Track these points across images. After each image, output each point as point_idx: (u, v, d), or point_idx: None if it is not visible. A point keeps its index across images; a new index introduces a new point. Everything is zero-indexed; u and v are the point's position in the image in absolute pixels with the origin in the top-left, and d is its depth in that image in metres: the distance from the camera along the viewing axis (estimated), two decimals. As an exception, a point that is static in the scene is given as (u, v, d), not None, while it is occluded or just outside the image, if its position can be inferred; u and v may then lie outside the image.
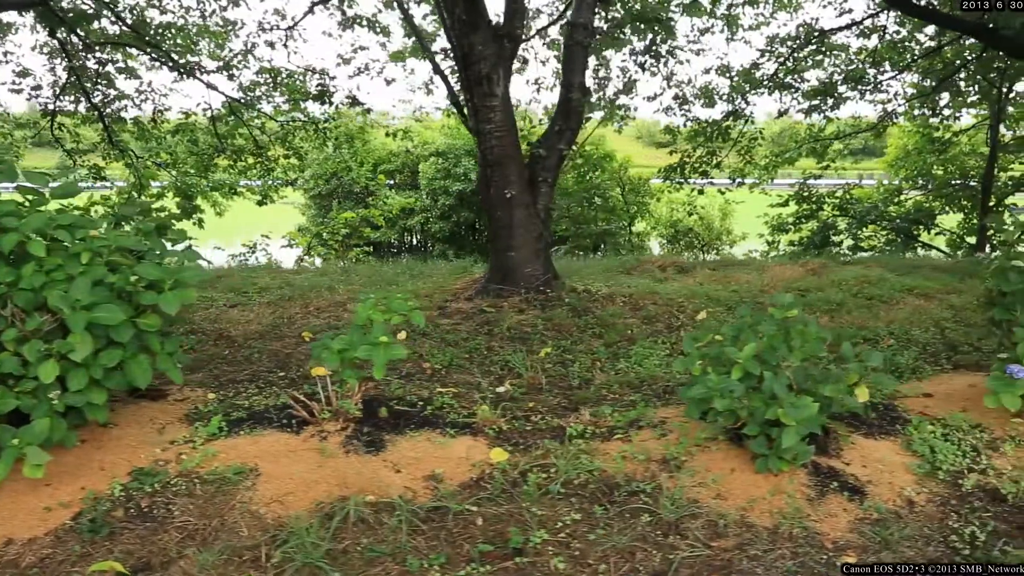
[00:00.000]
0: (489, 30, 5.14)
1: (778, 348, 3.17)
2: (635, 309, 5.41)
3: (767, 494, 2.98)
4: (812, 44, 8.99)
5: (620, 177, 13.52)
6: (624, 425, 3.60)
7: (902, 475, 3.14)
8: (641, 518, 2.85)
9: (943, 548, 2.71)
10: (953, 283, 6.52)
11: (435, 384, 4.12)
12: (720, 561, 2.66)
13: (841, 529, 2.80)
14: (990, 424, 3.66)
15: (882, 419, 3.71)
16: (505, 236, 5.55)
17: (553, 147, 5.70)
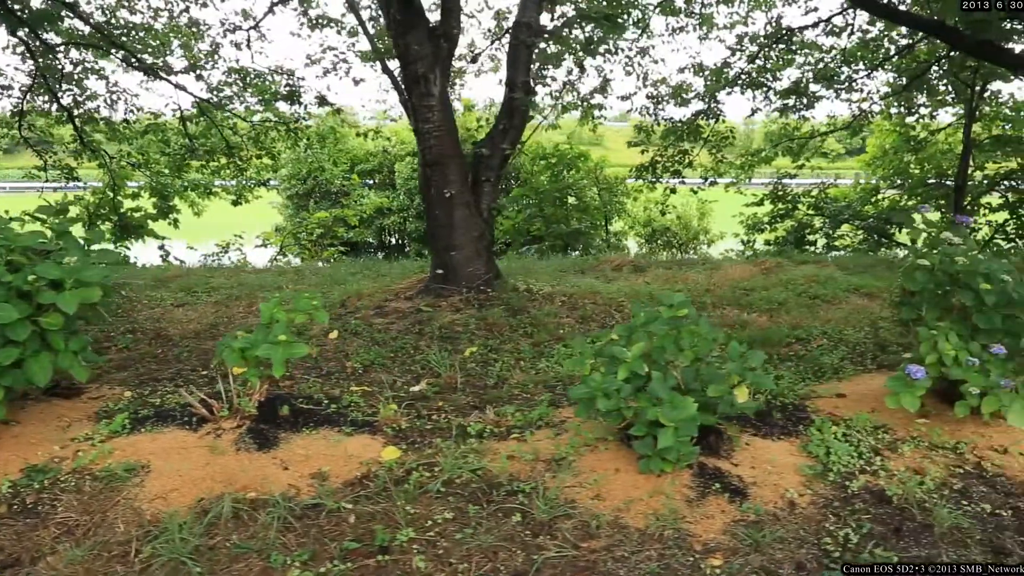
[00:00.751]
0: (425, 30, 5.15)
1: (667, 348, 3.15)
2: (573, 309, 5.40)
3: (646, 495, 2.96)
4: (781, 42, 8.91)
5: (596, 176, 13.47)
6: (524, 424, 3.60)
7: (790, 476, 3.11)
8: (513, 518, 2.84)
9: (815, 550, 2.68)
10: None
11: (351, 383, 4.14)
12: (585, 562, 2.65)
13: (715, 531, 2.78)
14: (895, 425, 3.62)
15: (788, 420, 3.68)
16: (446, 236, 5.55)
17: (496, 146, 5.69)
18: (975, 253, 3.63)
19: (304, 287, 6.16)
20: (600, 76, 11.39)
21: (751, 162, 11.20)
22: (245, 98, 8.56)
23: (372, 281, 6.28)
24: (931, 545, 2.71)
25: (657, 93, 9.75)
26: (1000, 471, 3.20)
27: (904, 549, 2.69)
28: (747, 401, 3.17)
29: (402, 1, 4.96)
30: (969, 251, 3.66)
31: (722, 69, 9.30)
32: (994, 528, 2.84)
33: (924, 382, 3.31)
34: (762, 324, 5.04)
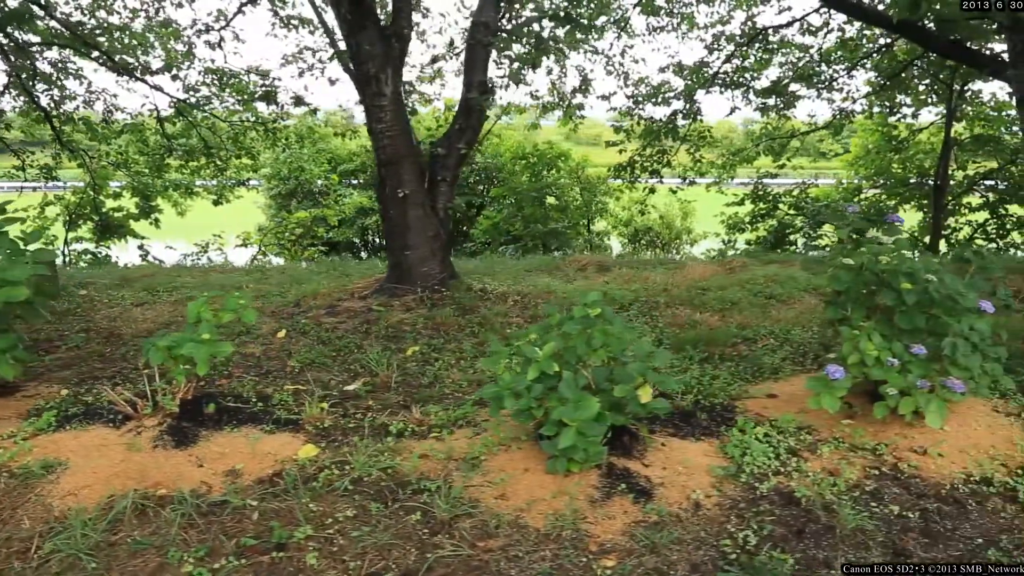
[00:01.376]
0: (376, 30, 5.16)
1: (579, 348, 3.14)
2: (524, 308, 5.39)
3: (550, 495, 2.96)
4: (756, 42, 8.84)
5: (579, 176, 13.40)
6: (445, 424, 3.60)
7: (701, 477, 3.09)
8: (413, 516, 2.84)
9: (713, 552, 2.66)
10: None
11: (287, 382, 4.16)
12: (478, 562, 2.65)
13: (614, 532, 2.77)
14: (820, 426, 3.59)
15: (713, 420, 3.66)
16: (400, 235, 5.56)
17: (452, 146, 5.70)
18: (904, 252, 3.60)
19: (267, 286, 6.19)
20: (581, 76, 11.48)
21: (732, 162, 11.12)
22: (224, 98, 8.61)
23: (333, 280, 6.30)
24: (831, 547, 2.69)
25: (636, 93, 9.71)
26: (916, 472, 3.17)
27: (802, 551, 2.67)
28: (652, 401, 3.15)
29: (352, 1, 4.97)
30: (899, 250, 3.63)
31: (700, 68, 9.25)
32: (900, 530, 2.81)
33: (844, 382, 3.28)
34: (712, 324, 5.01)
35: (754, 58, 9.32)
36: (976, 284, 3.73)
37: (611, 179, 11.06)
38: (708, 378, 4.12)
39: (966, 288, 3.29)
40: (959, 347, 3.25)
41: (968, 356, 3.24)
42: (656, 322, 5.15)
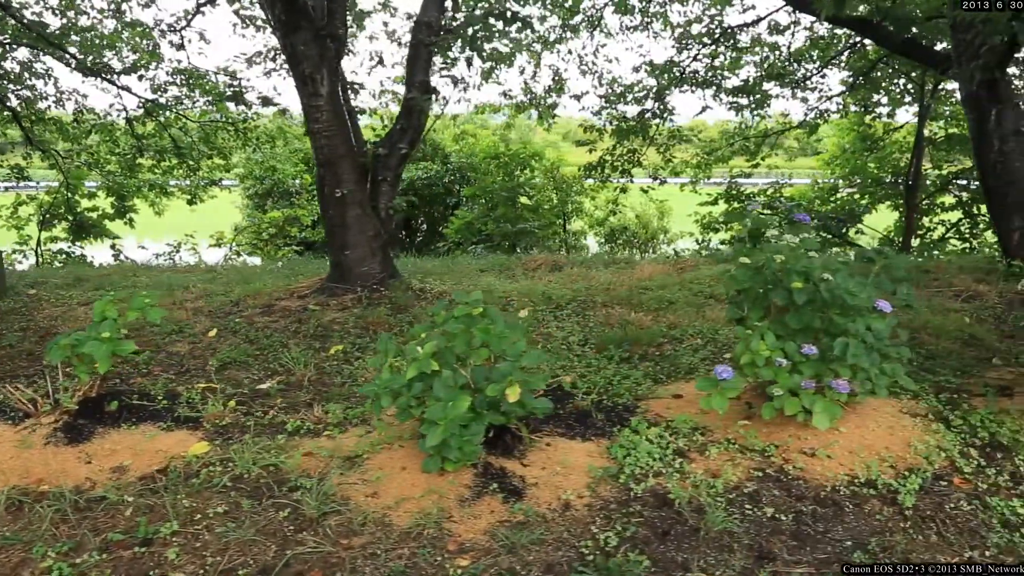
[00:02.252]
0: (312, 31, 5.18)
1: (459, 347, 3.14)
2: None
3: (421, 494, 2.96)
4: (723, 41, 8.77)
5: (553, 176, 13.36)
6: (341, 422, 3.61)
7: (578, 478, 3.08)
8: (282, 513, 2.86)
9: (571, 553, 2.65)
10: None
11: (202, 380, 4.19)
12: (336, 559, 2.65)
13: (476, 531, 2.77)
14: (716, 427, 3.55)
15: (609, 420, 3.64)
16: (340, 235, 5.59)
17: (394, 146, 5.71)
18: (809, 252, 3.56)
19: (214, 286, 6.24)
20: (554, 75, 11.47)
21: (707, 161, 11.04)
22: (195, 98, 8.70)
23: (281, 280, 6.34)
24: (692, 549, 2.67)
25: (608, 92, 9.69)
26: (800, 474, 3.13)
27: (662, 553, 2.65)
28: (532, 401, 3.15)
29: (286, 1, 5.01)
30: (805, 249, 3.59)
31: (669, 67, 9.20)
32: (769, 532, 2.78)
33: (735, 383, 3.25)
34: (643, 323, 4.98)
35: (724, 57, 9.26)
36: (882, 284, 3.69)
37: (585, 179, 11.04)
38: (619, 378, 4.10)
39: (857, 288, 3.24)
40: (850, 347, 3.20)
41: (859, 356, 3.20)
42: (587, 321, 5.13)
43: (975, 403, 3.98)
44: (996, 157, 5.81)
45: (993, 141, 5.77)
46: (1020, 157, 5.76)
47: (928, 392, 4.13)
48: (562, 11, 10.07)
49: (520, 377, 2.91)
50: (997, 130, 5.73)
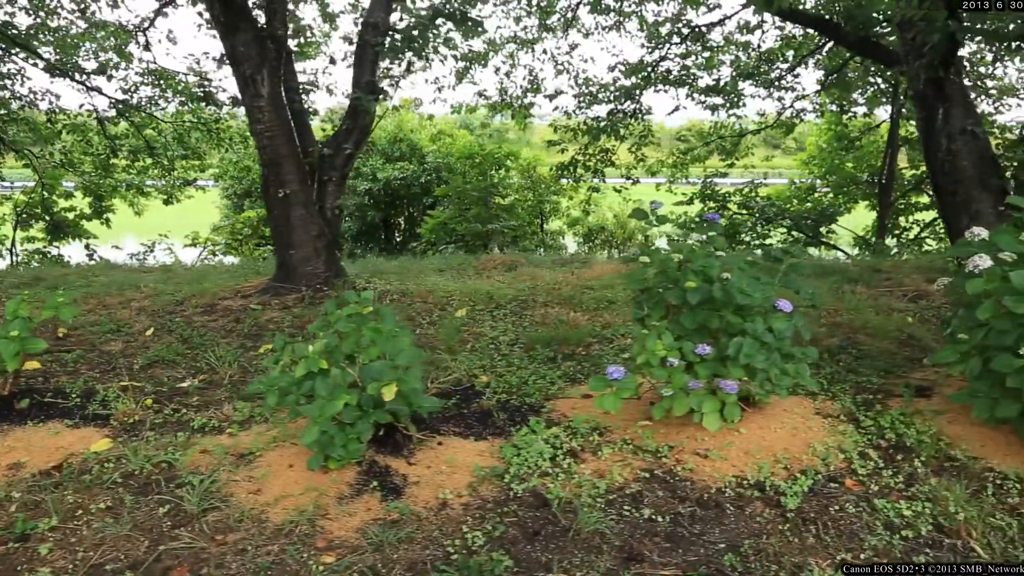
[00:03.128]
0: (252, 32, 5.22)
1: (346, 346, 3.15)
2: (401, 306, 5.41)
3: (301, 491, 2.97)
4: (690, 40, 8.72)
5: (530, 176, 13.34)
6: (246, 420, 3.64)
7: (461, 477, 3.08)
8: (162, 509, 2.88)
9: (437, 552, 2.65)
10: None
11: (125, 378, 4.23)
12: (207, 554, 2.67)
13: (348, 529, 2.78)
14: (616, 427, 3.54)
15: (510, 420, 3.63)
16: (284, 235, 5.62)
17: (339, 146, 5.74)
18: (715, 251, 3.54)
19: (164, 285, 6.29)
20: (530, 76, 11.45)
21: (683, 161, 10.99)
22: (168, 98, 8.77)
23: (232, 279, 6.38)
24: (559, 550, 2.66)
25: (581, 92, 9.67)
26: (689, 475, 3.11)
27: (527, 553, 2.64)
28: (423, 399, 3.16)
29: (223, 2, 5.05)
30: (710, 247, 3.57)
31: (641, 67, 9.16)
32: (644, 533, 2.77)
33: (627, 382, 3.24)
34: (578, 322, 4.97)
35: (695, 56, 9.21)
36: (791, 283, 3.66)
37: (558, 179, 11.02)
38: (536, 378, 4.10)
39: (752, 288, 3.22)
40: (743, 347, 3.18)
41: (753, 356, 3.17)
42: (523, 321, 5.13)
43: (892, 404, 3.94)
44: (944, 156, 5.73)
45: (941, 140, 5.70)
46: (968, 156, 5.68)
47: (848, 392, 4.10)
48: (539, 12, 10.08)
49: (395, 376, 2.92)
50: (945, 129, 5.66)
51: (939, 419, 3.73)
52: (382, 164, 13.23)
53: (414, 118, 13.45)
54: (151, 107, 8.78)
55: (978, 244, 3.49)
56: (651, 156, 10.99)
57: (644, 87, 9.41)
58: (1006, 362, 3.28)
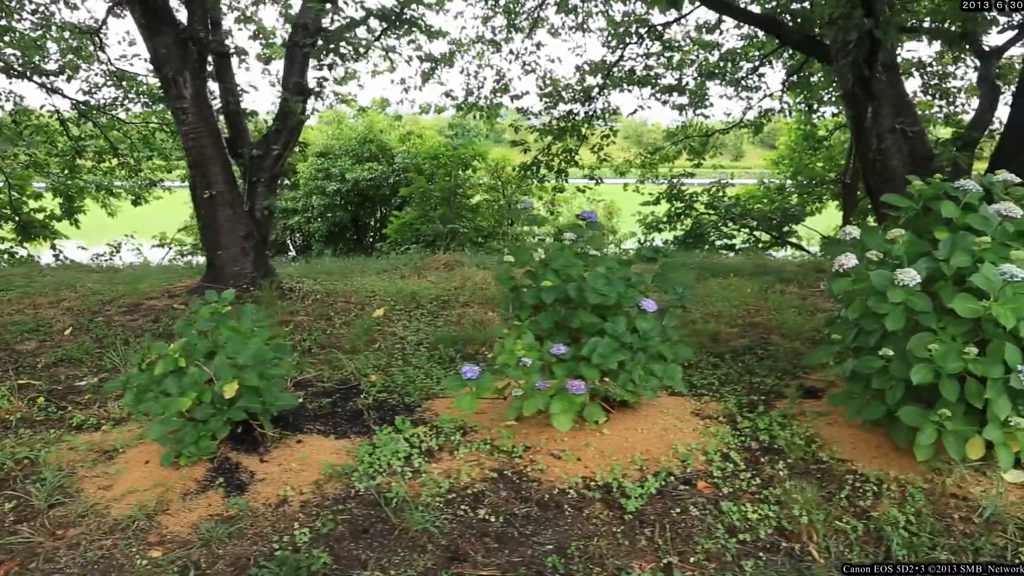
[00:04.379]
0: (173, 34, 5.28)
1: (201, 345, 3.18)
2: (320, 306, 5.44)
3: (149, 487, 3.01)
4: (647, 39, 8.67)
5: (499, 176, 13.34)
6: (123, 418, 3.68)
7: (309, 475, 3.10)
8: (9, 504, 2.93)
9: (264, 548, 2.68)
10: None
11: (25, 377, 4.30)
12: (42, 549, 2.71)
13: (184, 524, 2.81)
14: (481, 426, 3.54)
15: (383, 418, 3.64)
16: (211, 236, 5.68)
17: (269, 147, 5.79)
18: (580, 249, 3.52)
19: (101, 285, 6.38)
20: (499, 76, 11.45)
21: (651, 160, 10.93)
22: (133, 98, 8.88)
23: (169, 279, 6.46)
24: (382, 548, 2.67)
25: (545, 91, 9.66)
26: (540, 476, 3.11)
27: (349, 550, 2.66)
28: (278, 397, 3.19)
29: (144, 5, 5.11)
30: (587, 246, 3.56)
31: (601, 67, 9.12)
32: (475, 534, 2.77)
33: (485, 381, 3.24)
34: (491, 322, 4.97)
35: (657, 56, 9.16)
36: (665, 283, 3.63)
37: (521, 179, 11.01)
38: (423, 376, 4.11)
39: (608, 288, 3.20)
40: (598, 347, 3.16)
41: (607, 357, 3.16)
42: (437, 320, 5.14)
43: (780, 405, 3.90)
44: (875, 155, 5.65)
45: (871, 139, 5.62)
46: (897, 154, 5.60)
47: (738, 393, 4.07)
48: (507, 12, 10.08)
49: (236, 374, 2.94)
50: (874, 128, 5.58)
51: (819, 421, 3.69)
52: (351, 165, 13.32)
53: (384, 119, 13.55)
54: (114, 108, 8.92)
55: (848, 243, 3.44)
56: (619, 156, 10.97)
57: (606, 87, 9.37)
58: (869, 363, 3.24)
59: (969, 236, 3.11)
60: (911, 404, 3.09)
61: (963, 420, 3.00)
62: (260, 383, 2.98)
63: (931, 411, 2.97)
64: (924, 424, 3.00)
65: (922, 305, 3.05)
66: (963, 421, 2.99)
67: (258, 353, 3.00)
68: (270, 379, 3.24)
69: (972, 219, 3.14)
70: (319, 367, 4.31)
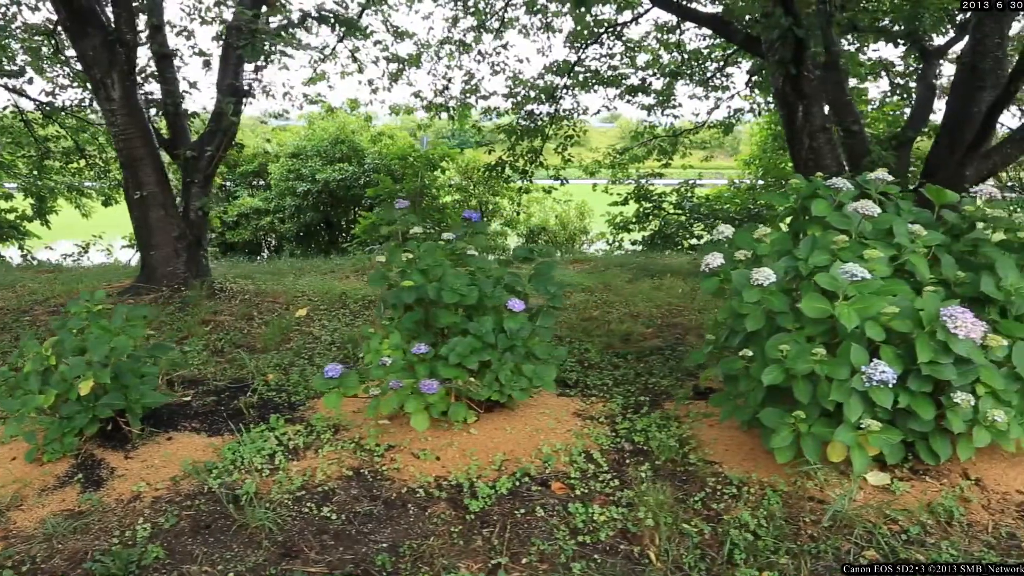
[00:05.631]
0: (100, 36, 5.35)
1: (68, 343, 3.23)
2: (247, 306, 5.49)
3: (8, 483, 3.05)
4: (607, 39, 8.64)
5: (470, 177, 13.33)
6: (4, 416, 3.74)
7: (170, 471, 3.14)
8: None
9: (104, 543, 2.71)
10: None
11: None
12: None
13: (33, 520, 2.86)
14: (354, 425, 3.55)
15: (262, 416, 3.67)
16: (144, 236, 5.76)
17: (203, 148, 5.85)
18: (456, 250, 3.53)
19: (42, 285, 6.47)
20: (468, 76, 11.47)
21: (620, 161, 10.88)
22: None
23: (107, 280, 6.54)
24: (218, 544, 2.70)
25: (512, 93, 9.66)
26: (396, 475, 3.12)
27: (185, 545, 2.69)
28: (146, 395, 3.22)
29: (68, 8, 5.19)
30: (468, 246, 3.56)
31: (567, 67, 9.10)
32: (314, 531, 2.78)
33: (349, 380, 3.26)
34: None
35: (620, 56, 9.13)
36: (541, 284, 3.62)
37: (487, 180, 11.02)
38: (321, 375, 4.12)
39: (467, 288, 3.20)
40: (457, 347, 3.16)
41: (465, 356, 3.15)
42: (357, 321, 5.17)
43: (668, 406, 3.87)
44: (807, 154, 5.60)
45: (803, 138, 5.57)
46: (830, 154, 5.54)
47: (633, 394, 4.05)
48: (478, 14, 10.10)
49: (93, 372, 2.98)
50: (806, 127, 5.53)
51: (703, 422, 3.67)
52: (322, 166, 13.41)
53: (355, 120, 13.63)
54: (81, 110, 9.03)
55: (721, 242, 3.41)
56: (587, 156, 10.93)
57: (571, 88, 9.35)
58: (732, 364, 3.22)
59: (831, 235, 3.08)
60: (774, 406, 3.07)
61: (823, 422, 2.97)
62: (114, 382, 3.02)
63: (788, 414, 2.95)
64: (780, 426, 2.98)
65: (779, 305, 3.02)
66: (823, 423, 2.96)
67: (117, 351, 3.04)
68: (140, 377, 3.28)
69: (832, 218, 3.11)
70: (222, 365, 4.35)
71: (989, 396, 2.95)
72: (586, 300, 5.52)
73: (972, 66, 5.57)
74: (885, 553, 2.62)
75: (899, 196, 3.48)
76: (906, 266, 3.10)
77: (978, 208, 3.19)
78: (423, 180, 11.78)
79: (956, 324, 2.68)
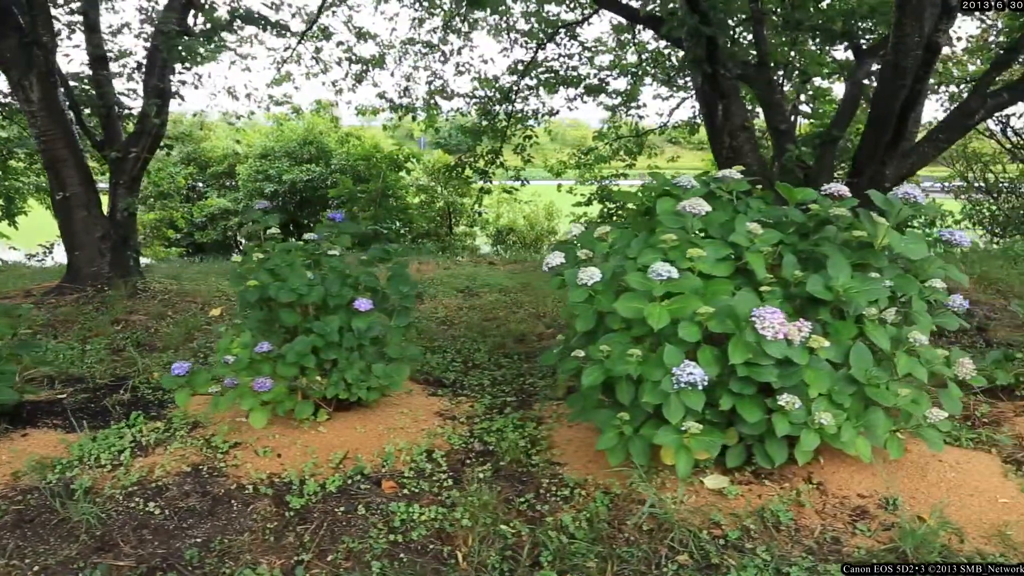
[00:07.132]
0: (15, 38, 5.44)
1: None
2: (164, 306, 5.57)
3: None
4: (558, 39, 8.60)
5: (437, 177, 13.36)
6: None
7: (14, 467, 3.18)
8: None
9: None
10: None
11: None
12: None
13: None
14: (213, 423, 3.57)
15: (126, 414, 3.71)
16: (68, 237, 5.86)
17: (127, 150, 5.94)
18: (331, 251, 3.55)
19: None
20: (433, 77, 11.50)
21: (585, 161, 10.84)
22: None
23: (36, 280, 6.65)
24: (35, 537, 2.74)
25: (472, 93, 9.69)
26: (233, 472, 3.15)
27: (1, 538, 2.73)
28: None
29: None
30: (327, 247, 3.58)
31: (531, 67, 9.09)
32: (135, 525, 2.81)
33: (199, 377, 3.30)
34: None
35: (578, 56, 9.10)
36: (399, 284, 3.63)
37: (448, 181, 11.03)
38: (201, 374, 4.17)
39: (306, 288, 3.22)
40: (296, 346, 3.19)
41: (305, 356, 3.18)
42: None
43: (536, 406, 3.86)
44: (728, 153, 5.54)
45: (724, 137, 5.51)
46: (751, 152, 5.48)
47: (506, 393, 4.05)
48: (445, 15, 10.13)
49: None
50: (726, 125, 5.47)
51: (563, 423, 3.65)
52: (289, 167, 13.55)
53: (323, 120, 13.75)
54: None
55: (567, 242, 3.40)
56: (552, 157, 10.92)
57: (533, 88, 9.35)
58: (567, 364, 3.20)
59: (663, 232, 3.05)
60: (611, 407, 3.05)
61: (653, 424, 2.94)
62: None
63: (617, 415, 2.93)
64: (608, 428, 2.96)
65: (605, 305, 3.00)
66: (652, 425, 2.94)
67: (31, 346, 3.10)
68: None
69: (665, 216, 3.08)
70: (113, 364, 4.42)
71: (824, 399, 2.92)
72: (496, 300, 5.51)
73: (894, 64, 5.47)
74: (697, 558, 2.60)
75: (760, 194, 3.45)
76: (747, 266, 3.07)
77: (823, 207, 3.15)
78: (384, 181, 11.84)
79: (763, 325, 2.65)
